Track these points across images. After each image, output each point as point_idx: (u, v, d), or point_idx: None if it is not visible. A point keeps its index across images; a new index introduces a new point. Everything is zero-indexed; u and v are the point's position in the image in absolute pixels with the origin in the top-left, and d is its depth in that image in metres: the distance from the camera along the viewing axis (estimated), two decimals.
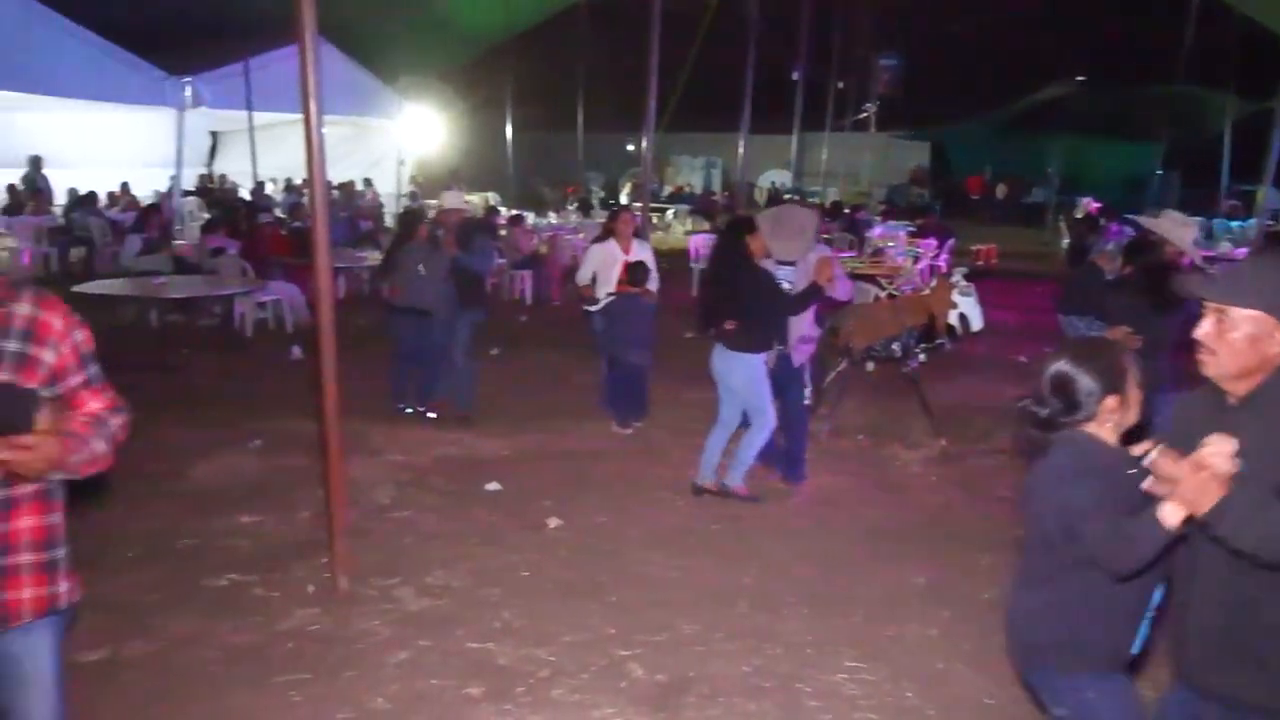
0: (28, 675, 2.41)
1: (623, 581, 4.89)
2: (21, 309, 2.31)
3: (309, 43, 4.13)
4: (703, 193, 28.84)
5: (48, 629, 2.42)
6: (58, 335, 2.34)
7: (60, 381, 2.36)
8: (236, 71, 16.67)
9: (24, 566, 2.34)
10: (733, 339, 5.74)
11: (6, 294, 2.31)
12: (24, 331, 2.29)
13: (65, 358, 2.36)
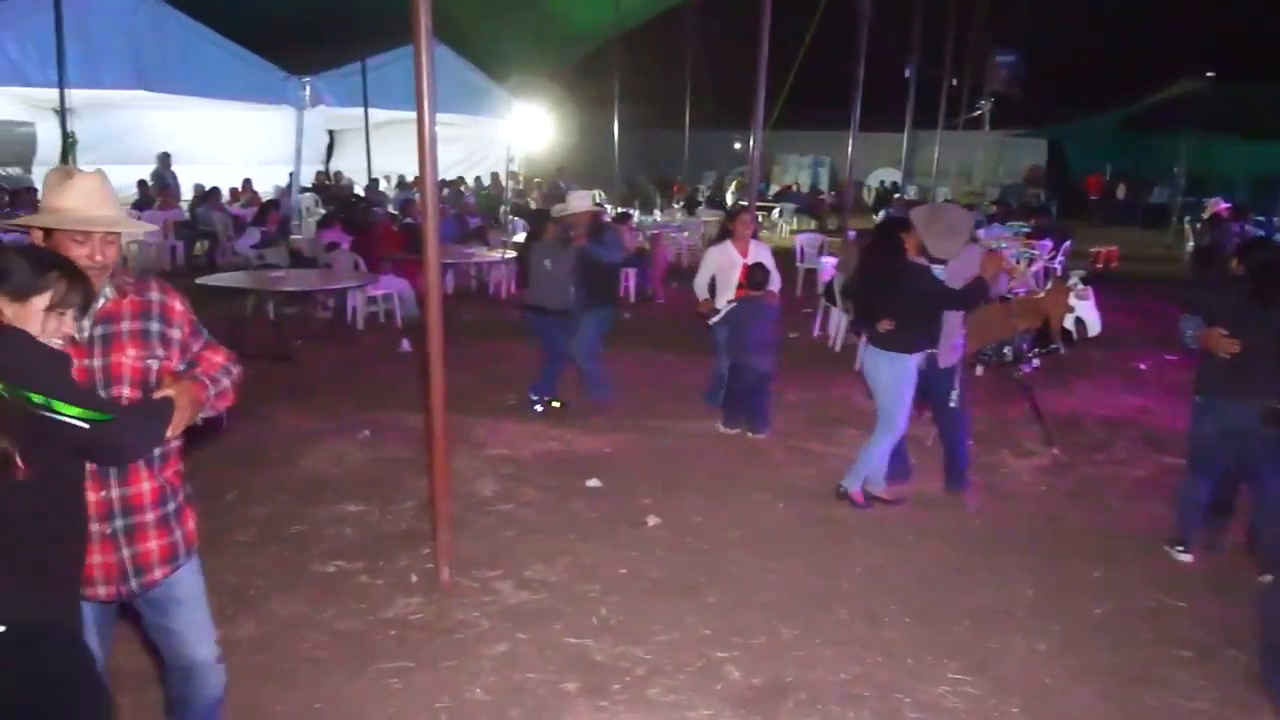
0: (182, 600, 2.86)
1: (720, 582, 4.86)
2: (153, 295, 2.75)
3: (424, 43, 4.19)
4: (810, 191, 28.49)
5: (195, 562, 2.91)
6: (179, 315, 2.79)
7: (187, 351, 2.79)
8: (354, 71, 17.14)
9: (182, 504, 2.82)
10: (886, 338, 5.63)
11: (140, 284, 2.76)
12: (159, 315, 2.73)
13: (186, 331, 2.79)
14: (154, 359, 2.67)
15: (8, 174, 18.02)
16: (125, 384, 2.61)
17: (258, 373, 8.30)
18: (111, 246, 2.62)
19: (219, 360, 2.85)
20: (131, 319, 2.67)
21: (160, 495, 2.73)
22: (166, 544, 2.75)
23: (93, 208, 2.62)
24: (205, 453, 6.52)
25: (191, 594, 2.90)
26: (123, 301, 2.68)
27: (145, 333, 2.68)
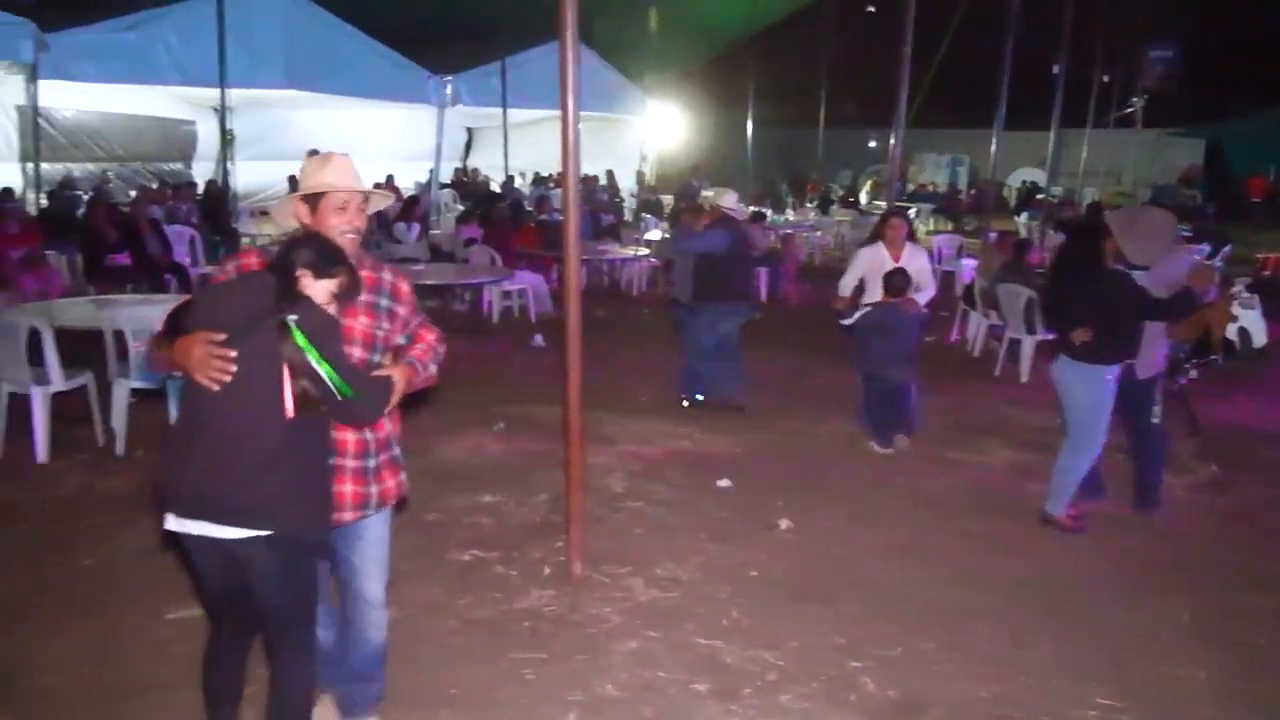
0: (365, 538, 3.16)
1: (855, 590, 4.75)
2: (386, 275, 3.12)
3: (570, 42, 4.21)
4: (948, 191, 27.75)
5: (387, 512, 3.23)
6: (405, 295, 3.14)
7: (407, 326, 3.16)
8: (493, 70, 17.49)
9: (385, 464, 3.13)
10: (1082, 350, 5.29)
11: (377, 264, 3.14)
12: (389, 293, 3.09)
13: (408, 310, 3.15)
14: (380, 329, 3.04)
15: (171, 169, 19.03)
16: (358, 346, 2.98)
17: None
18: (363, 216, 3.01)
19: (431, 339, 3.22)
20: (367, 292, 3.01)
21: (363, 449, 3.05)
22: (359, 492, 3.05)
23: (349, 182, 3.00)
24: None
25: (375, 535, 3.19)
26: (360, 275, 3.00)
27: (376, 305, 3.05)
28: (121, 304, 6.77)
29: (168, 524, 2.79)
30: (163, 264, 10.69)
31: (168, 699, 3.65)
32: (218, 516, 2.72)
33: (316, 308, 2.77)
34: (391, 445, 3.18)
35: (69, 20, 12.91)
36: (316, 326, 2.72)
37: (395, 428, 3.22)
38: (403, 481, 3.21)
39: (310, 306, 2.75)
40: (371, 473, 3.09)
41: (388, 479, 3.14)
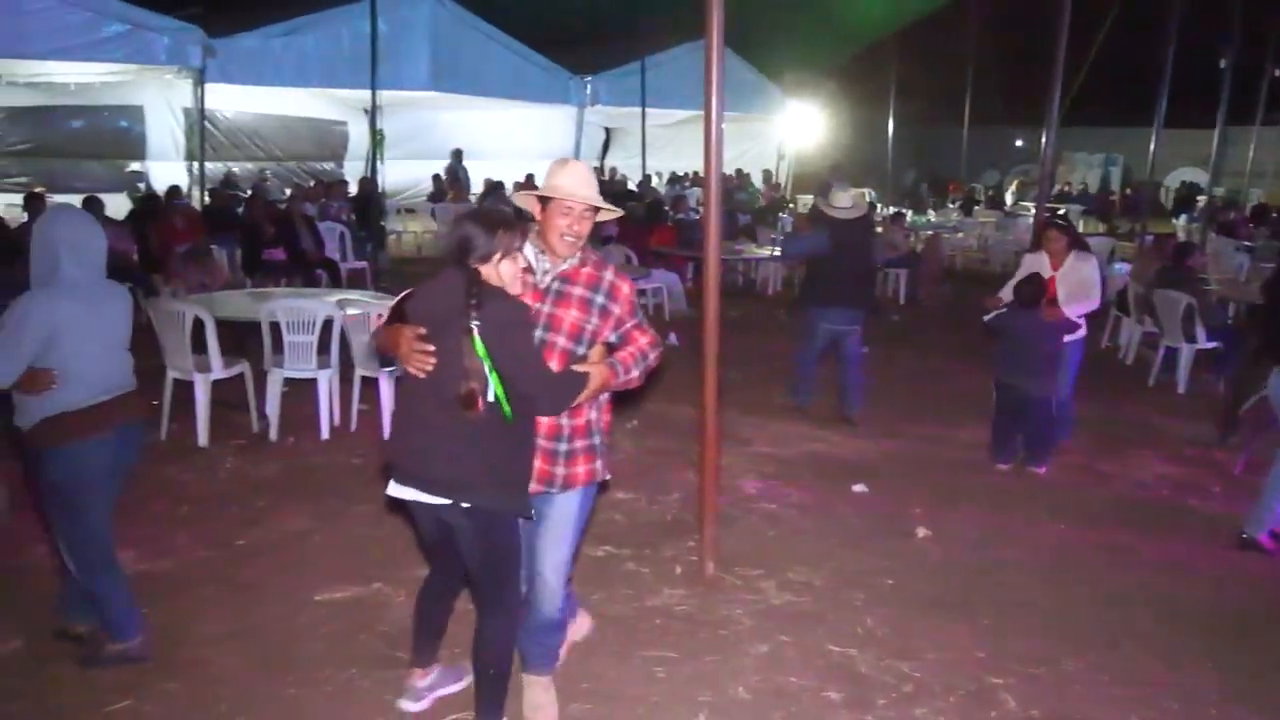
0: (547, 517, 3.32)
1: (995, 603, 4.59)
2: (607, 275, 3.28)
3: (715, 42, 4.20)
4: (1099, 192, 26.59)
5: (581, 492, 3.36)
6: (622, 296, 3.28)
7: (620, 326, 3.28)
8: (632, 71, 17.62)
9: (579, 450, 3.28)
10: None
11: (600, 263, 3.31)
12: (607, 291, 3.25)
13: (623, 310, 3.28)
14: (589, 324, 3.21)
15: (324, 168, 19.84)
16: (563, 334, 3.18)
17: None
18: (586, 222, 3.20)
19: (643, 343, 3.31)
20: (584, 287, 3.23)
21: (555, 432, 3.22)
22: (545, 469, 3.23)
23: (579, 187, 3.20)
24: None
25: (558, 514, 3.33)
26: (582, 271, 3.25)
27: (590, 301, 3.22)
28: (276, 297, 7.08)
29: (389, 489, 3.13)
30: (315, 259, 11.12)
31: (310, 677, 3.79)
32: (426, 486, 3.06)
33: (504, 303, 2.95)
34: (591, 434, 3.31)
35: (234, 26, 13.59)
36: (497, 330, 2.91)
37: (601, 419, 3.36)
38: (596, 469, 3.33)
39: (498, 304, 2.93)
40: (561, 455, 3.25)
41: (579, 464, 3.28)
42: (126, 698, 3.60)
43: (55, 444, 3.55)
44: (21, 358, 3.47)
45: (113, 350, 3.71)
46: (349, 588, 4.53)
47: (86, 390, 3.57)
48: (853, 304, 7.25)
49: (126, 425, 3.73)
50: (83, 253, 3.59)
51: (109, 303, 3.72)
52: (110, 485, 3.72)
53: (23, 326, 3.47)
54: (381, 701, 3.65)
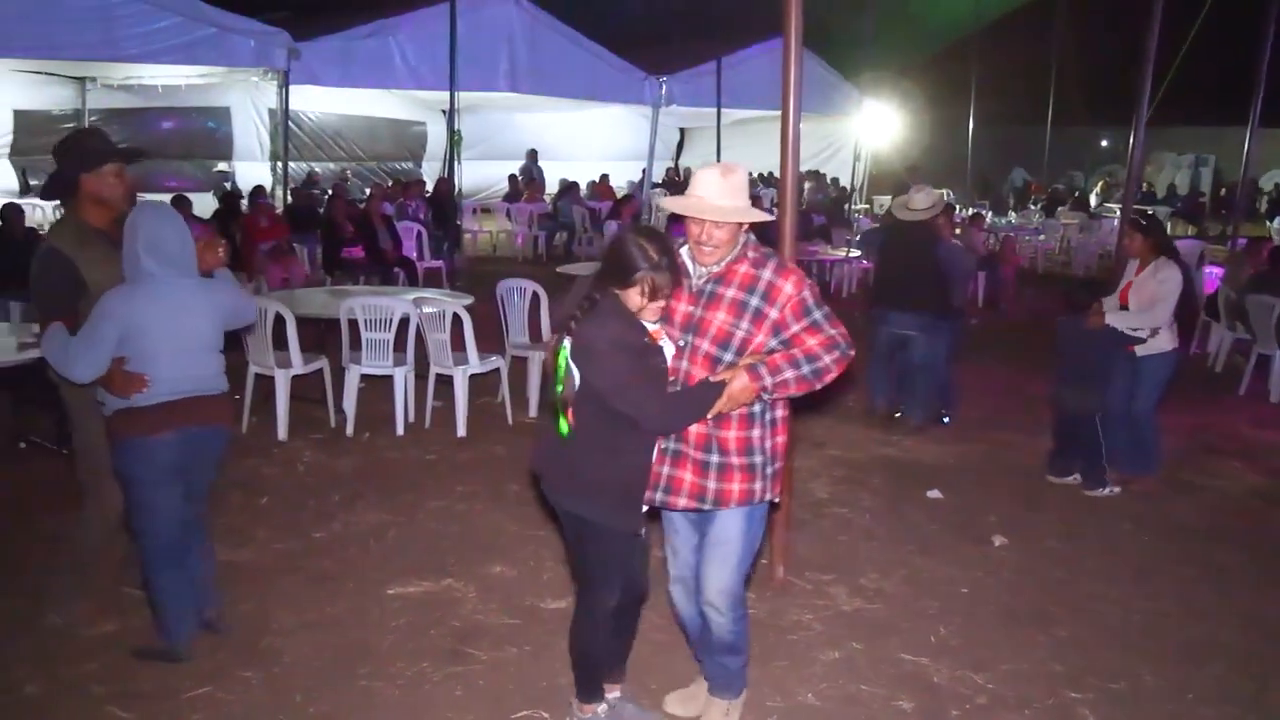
0: (709, 540, 3.21)
1: (1075, 616, 4.47)
2: (764, 274, 3.05)
3: (794, 41, 4.15)
4: (1188, 194, 25.76)
5: (742, 514, 3.15)
6: (783, 296, 3.03)
7: (783, 330, 3.04)
8: (708, 70, 17.56)
9: (734, 466, 3.07)
10: None
11: (760, 260, 3.08)
12: (763, 292, 3.03)
13: (786, 313, 3.03)
14: (739, 328, 3.02)
15: (402, 167, 20.17)
16: (708, 339, 3.03)
17: None
18: (720, 229, 3.00)
19: (813, 344, 3.04)
20: (737, 288, 3.04)
21: (705, 443, 3.06)
22: (696, 483, 3.08)
23: (713, 196, 3.02)
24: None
25: (717, 536, 3.19)
26: (737, 270, 3.06)
27: (743, 304, 3.02)
28: (354, 294, 7.20)
29: None
30: (393, 258, 11.31)
31: (382, 669, 3.84)
32: (550, 489, 3.17)
33: (605, 326, 2.91)
34: (751, 452, 3.08)
35: (318, 29, 13.87)
36: (583, 351, 2.91)
37: (769, 438, 3.13)
38: (754, 490, 3.10)
39: (599, 324, 2.91)
40: (713, 468, 3.07)
41: (731, 481, 3.07)
42: (204, 685, 3.69)
43: (121, 437, 3.62)
44: (99, 354, 3.53)
45: (190, 352, 3.67)
46: (421, 583, 4.58)
47: (153, 388, 3.56)
48: (909, 307, 7.00)
49: (196, 428, 3.69)
50: (162, 249, 3.58)
51: (192, 302, 3.68)
52: (174, 487, 3.70)
53: (99, 322, 3.53)
54: (451, 696, 3.69)
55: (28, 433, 6.28)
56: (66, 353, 3.58)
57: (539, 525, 5.25)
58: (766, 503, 3.20)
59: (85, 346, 3.53)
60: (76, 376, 3.59)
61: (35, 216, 12.41)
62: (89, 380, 3.59)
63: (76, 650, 3.91)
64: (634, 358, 2.93)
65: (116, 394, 3.58)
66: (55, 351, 3.63)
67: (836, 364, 3.07)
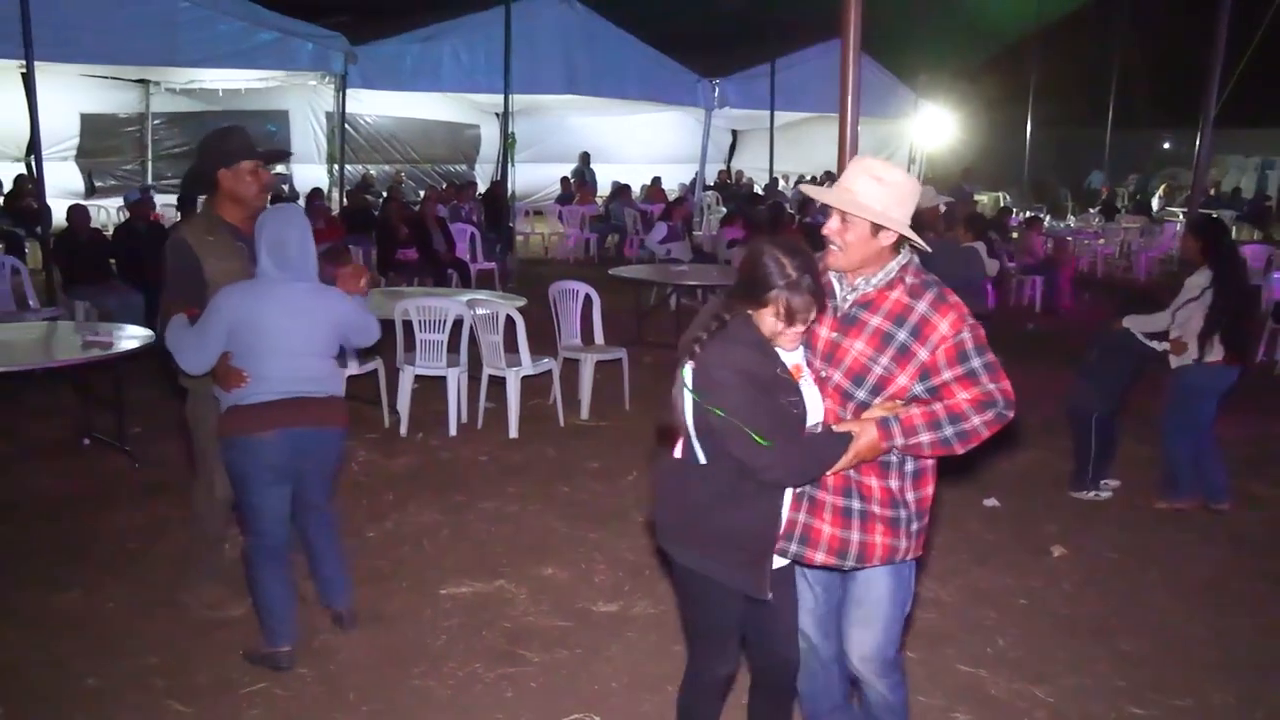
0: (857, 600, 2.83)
1: (1138, 629, 4.36)
2: (919, 305, 2.62)
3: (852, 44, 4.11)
4: (1255, 197, 25.12)
5: (888, 571, 2.78)
6: (938, 336, 2.59)
7: (933, 376, 2.61)
8: (761, 73, 17.50)
9: (877, 516, 2.68)
10: None
11: (917, 288, 2.64)
12: (914, 327, 2.60)
13: (939, 356, 2.60)
14: (878, 364, 2.61)
15: (456, 170, 20.34)
16: (841, 370, 2.65)
17: (655, 360, 8.71)
18: (849, 230, 2.63)
19: (963, 399, 2.60)
20: (885, 317, 2.62)
21: (845, 487, 2.68)
22: (837, 535, 2.69)
23: (859, 189, 2.64)
24: (608, 430, 6.93)
25: (862, 599, 2.82)
26: (888, 296, 2.65)
27: (888, 337, 2.61)
28: (409, 296, 7.26)
29: None
30: (447, 260, 11.40)
31: (435, 669, 3.86)
32: (663, 537, 2.79)
33: (731, 353, 2.54)
34: (895, 505, 2.68)
35: (375, 34, 14.04)
36: (704, 378, 2.57)
37: (911, 490, 2.72)
38: (897, 547, 2.69)
39: (723, 350, 2.54)
40: (856, 516, 2.68)
41: (873, 534, 2.67)
42: (260, 681, 3.73)
43: (227, 432, 3.66)
44: (209, 348, 3.61)
45: (298, 353, 3.66)
46: (473, 583, 4.59)
47: (258, 387, 3.59)
48: None
49: (302, 429, 3.67)
50: (280, 250, 3.63)
51: (305, 305, 3.69)
52: (279, 487, 3.71)
53: (210, 316, 3.61)
54: (502, 698, 3.69)
55: (92, 429, 6.40)
56: (181, 343, 3.68)
57: (590, 527, 5.25)
58: (913, 561, 2.81)
59: (197, 338, 3.63)
60: (187, 366, 3.69)
61: (100, 218, 12.68)
62: (199, 372, 3.69)
63: (137, 643, 3.97)
64: (759, 392, 2.51)
65: (221, 387, 3.65)
66: (172, 341, 3.74)
67: (988, 426, 2.61)
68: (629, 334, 8.77)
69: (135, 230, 9.60)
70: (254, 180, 3.98)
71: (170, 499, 5.46)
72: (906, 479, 2.70)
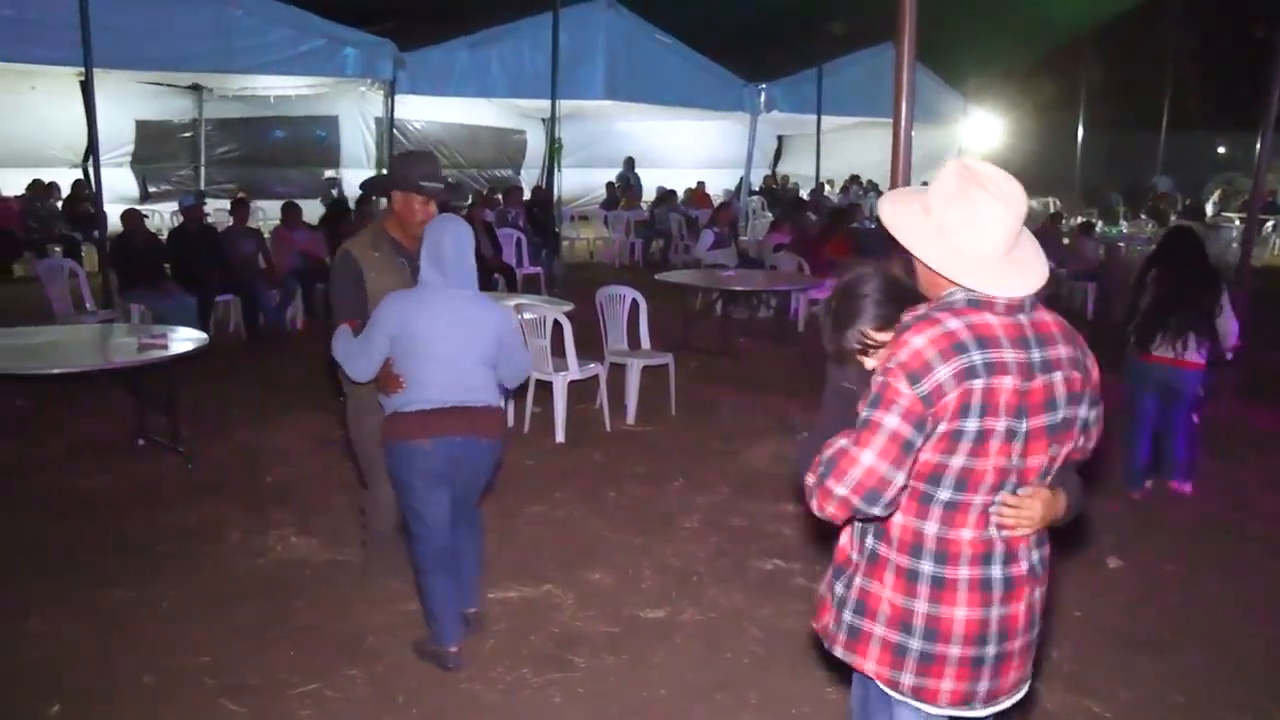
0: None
1: (1197, 643, 4.26)
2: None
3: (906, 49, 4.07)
4: None
5: None
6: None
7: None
8: (808, 77, 17.41)
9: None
10: None
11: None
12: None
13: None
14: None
15: (502, 175, 20.46)
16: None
17: (701, 365, 8.69)
18: None
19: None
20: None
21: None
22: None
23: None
24: (654, 435, 6.91)
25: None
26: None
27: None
28: None
29: None
30: (493, 264, 11.45)
31: (483, 673, 3.86)
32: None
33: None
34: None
35: (423, 40, 14.16)
36: None
37: None
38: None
39: None
40: None
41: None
42: (311, 682, 3.75)
43: (387, 438, 3.70)
44: (371, 355, 3.67)
45: (456, 362, 3.66)
46: (520, 587, 4.60)
47: (418, 394, 3.62)
48: None
49: (459, 437, 3.67)
50: (439, 258, 3.65)
51: (465, 314, 3.69)
52: (439, 493, 3.72)
53: (373, 325, 3.67)
54: (550, 703, 3.68)
55: (146, 430, 6.50)
56: (347, 352, 3.76)
57: (637, 533, 5.23)
58: None
59: (361, 347, 3.70)
60: (354, 374, 3.77)
61: (154, 222, 12.90)
62: (365, 379, 3.76)
63: (190, 642, 4.01)
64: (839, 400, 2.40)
65: (381, 393, 3.73)
66: (339, 350, 3.82)
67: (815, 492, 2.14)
68: (675, 339, 8.74)
69: (189, 234, 9.76)
70: (420, 210, 4.08)
71: (222, 500, 5.53)
72: None
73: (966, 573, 2.15)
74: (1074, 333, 2.22)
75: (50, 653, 3.93)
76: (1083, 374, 2.19)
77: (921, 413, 2.02)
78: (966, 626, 2.15)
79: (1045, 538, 2.29)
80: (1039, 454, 2.13)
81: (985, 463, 2.08)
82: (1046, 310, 2.20)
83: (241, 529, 5.16)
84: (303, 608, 4.35)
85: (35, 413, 7.11)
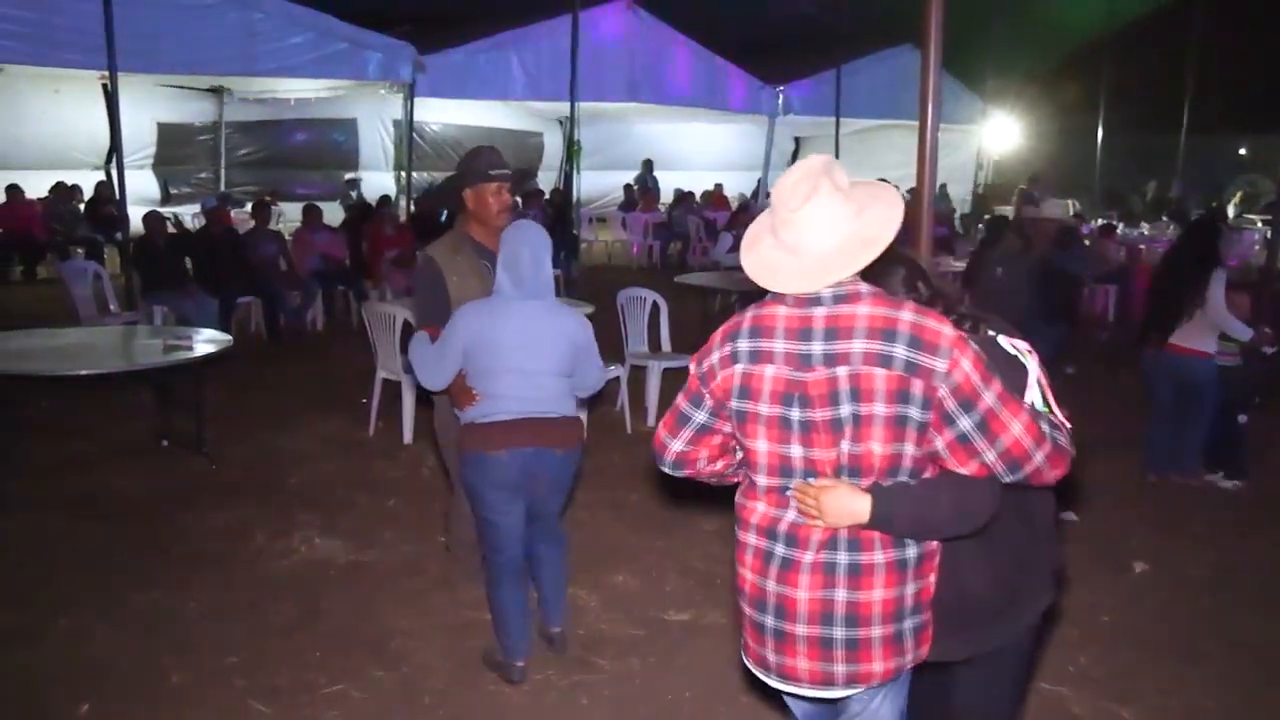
0: None
1: (1226, 649, 4.23)
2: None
3: (933, 50, 4.05)
4: None
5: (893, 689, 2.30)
6: None
7: None
8: (826, 79, 17.38)
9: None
10: None
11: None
12: None
13: None
14: None
15: None
16: None
17: None
18: None
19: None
20: None
21: None
22: None
23: None
24: None
25: None
26: None
27: None
28: None
29: None
30: None
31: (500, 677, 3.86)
32: None
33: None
34: None
35: (441, 43, 14.21)
36: None
37: None
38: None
39: None
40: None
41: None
42: (338, 682, 3.77)
43: (463, 449, 3.67)
44: (446, 365, 3.63)
45: (530, 373, 3.59)
46: None
47: (493, 406, 3.57)
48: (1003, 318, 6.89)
49: (533, 449, 3.60)
50: (514, 267, 3.58)
51: (538, 324, 3.61)
52: (512, 505, 3.66)
53: (448, 334, 3.62)
54: (576, 705, 3.69)
55: (170, 431, 6.54)
56: (422, 360, 3.71)
57: (659, 535, 5.23)
58: None
59: (436, 356, 3.65)
60: (426, 384, 3.74)
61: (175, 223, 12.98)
62: (437, 389, 3.74)
63: (218, 643, 4.04)
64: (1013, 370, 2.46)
65: (455, 406, 3.70)
66: (414, 357, 3.77)
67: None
68: (694, 341, 8.70)
69: (212, 236, 9.81)
70: (495, 200, 4.08)
71: (248, 501, 5.56)
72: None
73: (753, 540, 2.28)
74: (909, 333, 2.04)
75: (80, 652, 3.97)
76: (904, 371, 2.03)
77: (698, 389, 2.33)
78: (751, 588, 2.28)
79: (887, 542, 2.15)
80: (825, 447, 2.12)
81: (756, 444, 2.22)
82: (893, 305, 2.09)
83: (267, 530, 5.19)
84: (329, 609, 4.37)
85: (59, 414, 7.16)
